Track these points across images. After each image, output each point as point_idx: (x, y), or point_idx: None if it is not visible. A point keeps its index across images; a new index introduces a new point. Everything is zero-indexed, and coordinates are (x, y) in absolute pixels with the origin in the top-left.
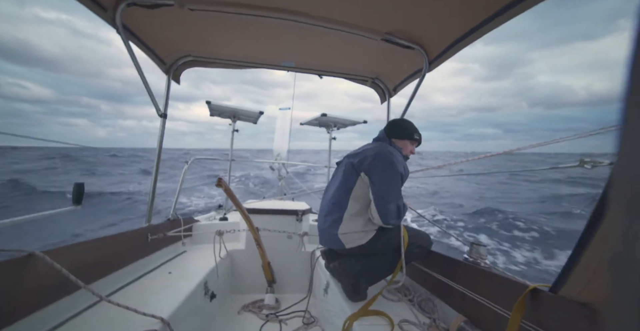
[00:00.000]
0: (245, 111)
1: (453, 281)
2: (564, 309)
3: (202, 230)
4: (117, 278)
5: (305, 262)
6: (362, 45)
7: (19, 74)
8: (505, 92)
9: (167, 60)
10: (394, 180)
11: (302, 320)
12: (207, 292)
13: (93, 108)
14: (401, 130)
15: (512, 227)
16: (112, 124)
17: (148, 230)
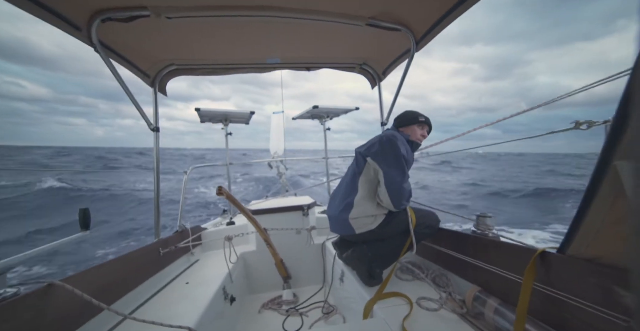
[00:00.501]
0: (236, 113)
1: (463, 255)
2: (573, 267)
3: (211, 237)
4: (136, 295)
5: (317, 254)
6: (347, 32)
7: (17, 72)
8: (504, 92)
9: (150, 72)
10: (399, 161)
11: (321, 310)
12: (226, 297)
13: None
14: (404, 118)
15: None
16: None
17: (159, 245)
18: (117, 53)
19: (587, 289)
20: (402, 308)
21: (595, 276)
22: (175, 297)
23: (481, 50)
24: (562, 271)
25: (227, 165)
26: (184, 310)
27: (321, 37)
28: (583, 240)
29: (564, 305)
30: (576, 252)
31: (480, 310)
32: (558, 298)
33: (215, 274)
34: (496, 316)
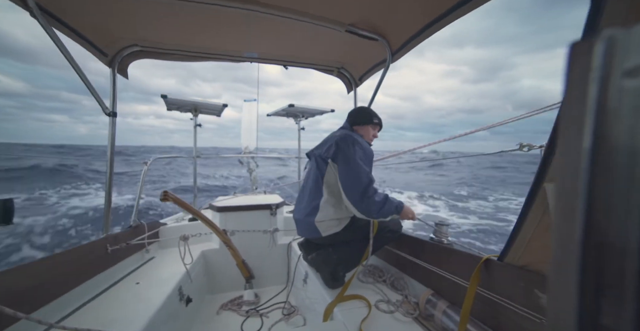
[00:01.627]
0: (207, 104)
1: (420, 260)
2: (508, 273)
3: (170, 234)
4: (71, 298)
5: (282, 255)
6: (327, 35)
7: None
8: (492, 95)
9: (109, 50)
10: (357, 162)
11: (282, 311)
12: (182, 297)
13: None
14: (360, 117)
15: None
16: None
17: (107, 241)
18: (65, 24)
19: (517, 292)
20: (361, 310)
21: (523, 281)
22: (121, 299)
23: (471, 52)
24: (500, 277)
25: (194, 158)
26: (130, 312)
27: (302, 36)
28: (518, 249)
29: (499, 307)
30: (512, 260)
31: (431, 312)
32: (495, 301)
33: (171, 273)
34: (444, 317)
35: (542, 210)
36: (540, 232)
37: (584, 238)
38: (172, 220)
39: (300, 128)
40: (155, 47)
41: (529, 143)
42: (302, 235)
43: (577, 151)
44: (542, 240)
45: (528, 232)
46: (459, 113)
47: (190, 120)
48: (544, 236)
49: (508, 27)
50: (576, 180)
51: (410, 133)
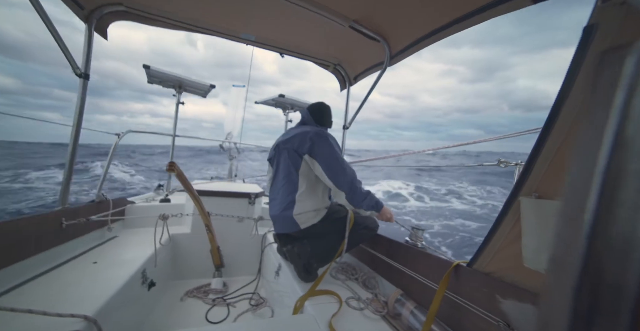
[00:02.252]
0: (193, 82)
1: (393, 261)
2: (474, 279)
3: (138, 212)
4: (14, 272)
5: (256, 245)
6: (328, 28)
7: None
8: (488, 94)
9: (86, 4)
10: (336, 151)
11: (250, 301)
12: (144, 281)
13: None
14: (327, 119)
15: None
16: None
17: (62, 214)
18: None
19: (480, 296)
20: (332, 306)
21: (487, 286)
22: (74, 278)
23: (468, 52)
24: (467, 282)
25: (172, 137)
26: (84, 293)
27: (303, 26)
28: (486, 257)
29: (463, 309)
30: (480, 267)
31: (399, 311)
32: (460, 304)
33: (135, 255)
34: (411, 317)
35: (512, 222)
36: (507, 242)
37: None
38: (141, 200)
39: (288, 120)
40: (143, 10)
41: (506, 160)
42: (280, 231)
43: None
44: (508, 250)
45: (498, 241)
46: (456, 112)
47: (173, 96)
48: (511, 246)
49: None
50: (589, 182)
51: (407, 132)
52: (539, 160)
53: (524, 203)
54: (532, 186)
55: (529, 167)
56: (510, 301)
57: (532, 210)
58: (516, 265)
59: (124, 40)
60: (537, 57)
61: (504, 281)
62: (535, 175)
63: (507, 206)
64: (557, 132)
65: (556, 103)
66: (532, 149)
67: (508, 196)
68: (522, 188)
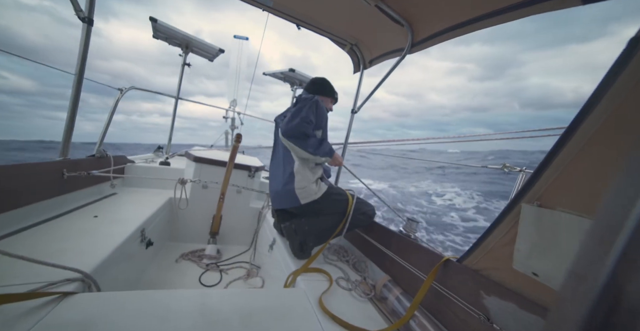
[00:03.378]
0: (201, 43)
1: (385, 248)
2: (463, 274)
3: (138, 172)
4: (17, 217)
5: (252, 218)
6: (352, 5)
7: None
8: (498, 93)
9: None
10: (308, 106)
11: (242, 269)
12: (143, 239)
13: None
14: (326, 89)
15: None
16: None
17: (63, 165)
18: None
19: (465, 290)
20: (322, 283)
21: (472, 282)
22: (76, 229)
23: (477, 50)
24: (454, 276)
25: (176, 99)
26: (85, 245)
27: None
28: (478, 255)
29: (446, 299)
30: (469, 263)
31: (385, 295)
32: (444, 295)
33: (135, 213)
34: (396, 302)
35: (509, 225)
36: (502, 244)
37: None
38: (140, 160)
39: (295, 96)
40: None
41: (510, 166)
42: (279, 206)
43: None
44: (500, 251)
45: (492, 241)
46: (464, 111)
47: (179, 56)
48: (505, 247)
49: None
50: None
51: (413, 131)
52: (549, 169)
53: (525, 210)
54: (536, 194)
55: (537, 175)
56: (493, 298)
57: (531, 217)
58: (505, 266)
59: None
60: (550, 53)
61: (490, 279)
62: (541, 183)
63: (507, 210)
64: (574, 144)
65: (579, 116)
66: (545, 158)
67: (510, 200)
68: (526, 195)
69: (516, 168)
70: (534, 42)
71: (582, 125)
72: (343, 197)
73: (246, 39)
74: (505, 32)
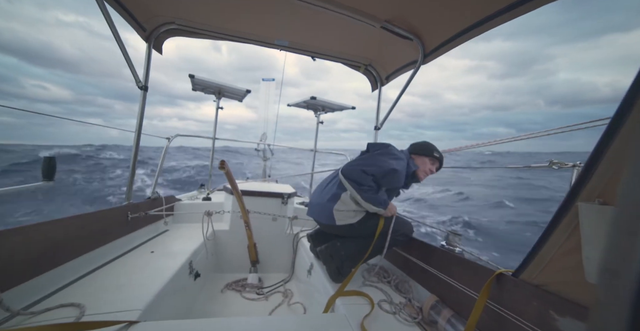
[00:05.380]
0: (231, 88)
1: (428, 265)
2: (522, 290)
3: (184, 209)
4: (95, 257)
5: (288, 244)
6: (360, 30)
7: (41, 75)
8: (520, 90)
9: (147, 26)
10: (381, 161)
11: (284, 297)
12: (191, 271)
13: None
14: (420, 147)
15: None
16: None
17: (128, 209)
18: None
19: (529, 310)
20: (363, 307)
21: (538, 300)
22: (138, 265)
23: (498, 46)
24: (512, 293)
25: (213, 139)
26: (143, 279)
27: (334, 29)
28: (536, 267)
29: (508, 322)
30: (527, 277)
31: (434, 319)
32: (504, 316)
33: (184, 247)
34: (448, 326)
35: (569, 230)
36: (564, 252)
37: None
38: (186, 197)
39: (320, 121)
40: (190, 26)
41: (560, 161)
42: (313, 216)
43: None
44: (565, 261)
45: (550, 251)
46: (484, 110)
47: (213, 102)
48: (568, 256)
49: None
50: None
51: (429, 131)
52: (604, 160)
53: (584, 210)
54: (595, 190)
55: (590, 167)
56: (569, 320)
57: (594, 217)
58: (575, 280)
59: None
60: (581, 45)
61: (559, 296)
62: (598, 177)
63: (561, 212)
64: (628, 128)
65: (629, 95)
66: (595, 147)
67: (563, 201)
68: (582, 192)
69: (568, 164)
70: (563, 34)
71: (637, 101)
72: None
73: (272, 80)
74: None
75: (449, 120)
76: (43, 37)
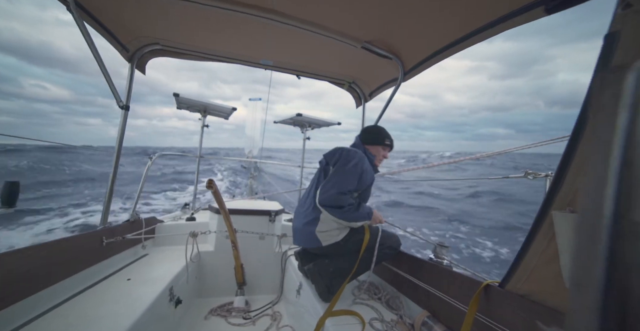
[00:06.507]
0: (217, 106)
1: (418, 280)
2: (509, 301)
3: (167, 231)
4: (63, 288)
5: (276, 263)
6: (342, 50)
7: (40, 75)
8: (520, 91)
9: (131, 47)
10: (350, 172)
11: (272, 320)
12: (172, 298)
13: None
14: (372, 136)
15: None
16: None
17: (103, 233)
18: (95, 18)
19: (517, 322)
20: (354, 327)
21: (524, 311)
22: (112, 294)
23: (498, 46)
24: (500, 305)
25: (198, 158)
26: (119, 309)
27: (317, 49)
28: (521, 276)
29: None
30: (513, 287)
31: None
32: (493, 329)
33: (164, 272)
34: None
35: (547, 238)
36: (544, 261)
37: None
38: (169, 218)
39: (306, 137)
40: (174, 47)
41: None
42: (300, 244)
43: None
44: (546, 270)
45: (532, 260)
46: (484, 111)
47: (198, 120)
48: (549, 265)
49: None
50: (601, 206)
51: (429, 132)
52: (570, 170)
53: (558, 218)
54: (566, 199)
55: (559, 178)
56: (555, 329)
57: (567, 225)
58: (556, 288)
59: None
60: (582, 46)
61: (545, 305)
62: (567, 186)
63: (538, 221)
64: (586, 139)
65: (583, 110)
66: (562, 158)
67: (539, 210)
68: (554, 202)
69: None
70: (564, 35)
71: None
72: (364, 236)
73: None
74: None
75: (449, 121)
76: (43, 36)
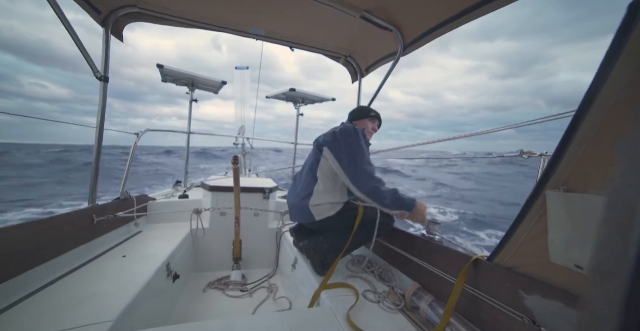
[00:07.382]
0: (205, 79)
1: (410, 254)
2: (495, 273)
3: (159, 208)
4: (58, 265)
5: (271, 239)
6: (339, 20)
7: (40, 73)
8: (521, 90)
9: (103, 8)
10: (360, 148)
11: (268, 293)
12: (169, 273)
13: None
14: (357, 113)
15: None
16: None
17: (92, 211)
18: None
19: (501, 291)
20: (348, 298)
21: (509, 281)
22: (108, 271)
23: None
24: (487, 277)
25: (187, 134)
26: (116, 286)
27: (313, 18)
28: (508, 251)
29: (483, 304)
30: (500, 261)
31: (416, 304)
32: (480, 298)
33: (160, 249)
34: (429, 310)
35: (538, 215)
36: (532, 236)
37: None
38: (161, 196)
39: (299, 114)
40: (155, 11)
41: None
42: (295, 219)
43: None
44: (533, 244)
45: (521, 235)
46: (483, 110)
47: (186, 94)
48: (536, 240)
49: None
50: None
51: (428, 132)
52: (569, 151)
53: (551, 197)
54: (560, 179)
55: (557, 158)
56: (535, 297)
57: (559, 204)
58: (541, 261)
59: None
60: (584, 46)
61: (528, 276)
62: (563, 167)
63: (531, 199)
64: (589, 121)
65: (591, 89)
66: (561, 139)
67: (533, 189)
68: (549, 181)
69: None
70: (565, 34)
71: (598, 95)
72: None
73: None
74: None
75: (448, 120)
76: (42, 35)
